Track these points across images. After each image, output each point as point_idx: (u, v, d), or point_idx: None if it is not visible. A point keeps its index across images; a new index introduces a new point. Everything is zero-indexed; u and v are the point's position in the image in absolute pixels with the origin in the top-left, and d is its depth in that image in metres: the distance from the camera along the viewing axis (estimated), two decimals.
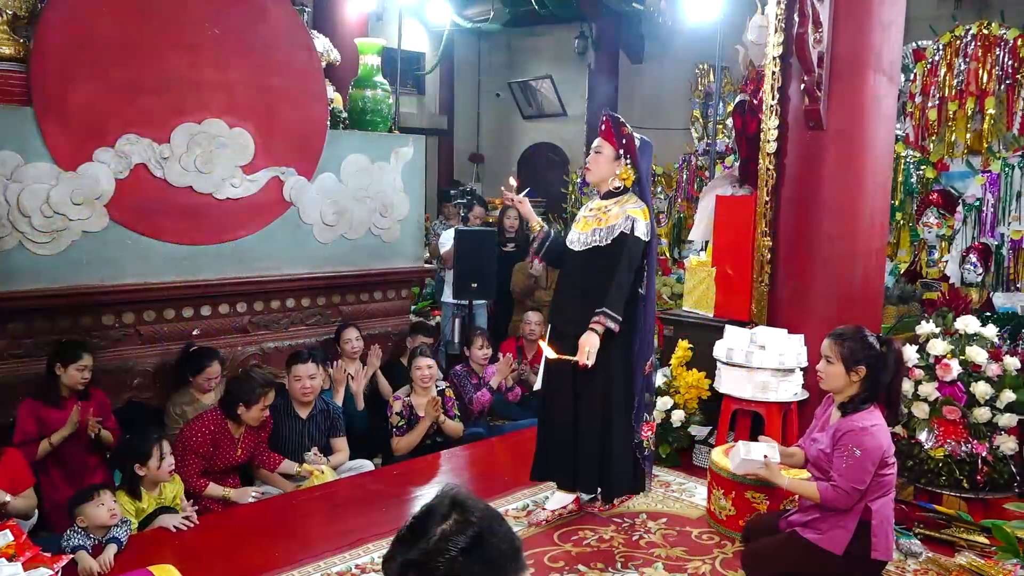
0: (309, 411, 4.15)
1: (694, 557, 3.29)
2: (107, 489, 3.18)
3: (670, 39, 10.11)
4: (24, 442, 3.57)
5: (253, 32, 4.46)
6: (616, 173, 3.45)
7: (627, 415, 3.49)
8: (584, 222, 3.52)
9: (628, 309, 3.40)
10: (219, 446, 3.74)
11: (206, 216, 4.33)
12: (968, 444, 3.53)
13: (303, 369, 4.10)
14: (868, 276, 4.11)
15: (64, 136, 3.87)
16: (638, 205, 3.41)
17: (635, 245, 3.35)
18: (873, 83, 3.96)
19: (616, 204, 3.44)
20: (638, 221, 3.35)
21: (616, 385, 3.46)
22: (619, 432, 3.47)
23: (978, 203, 5.05)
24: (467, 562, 1.18)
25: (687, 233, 7.17)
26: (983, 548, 3.26)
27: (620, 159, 3.44)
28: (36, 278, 3.84)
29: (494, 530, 1.25)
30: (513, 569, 1.23)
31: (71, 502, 3.14)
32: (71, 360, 3.67)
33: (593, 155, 3.50)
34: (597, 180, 3.52)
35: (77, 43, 3.89)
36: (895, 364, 2.68)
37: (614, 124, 3.46)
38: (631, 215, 3.36)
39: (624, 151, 3.44)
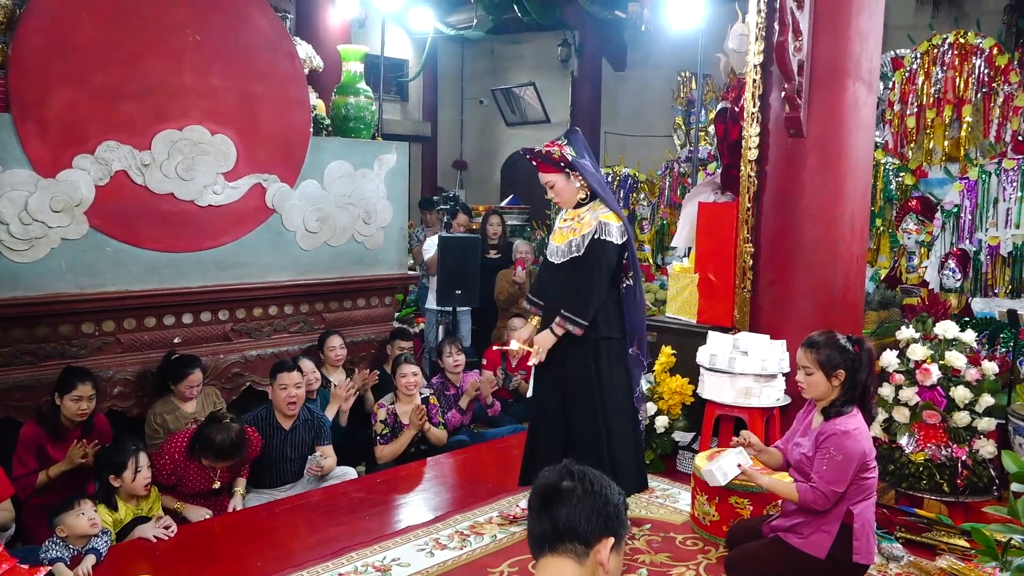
0: (292, 422, 4.05)
1: (678, 563, 3.30)
2: (87, 499, 3.13)
3: (652, 47, 10.19)
4: (23, 475, 3.47)
5: (235, 38, 4.44)
6: (577, 187, 3.46)
7: (632, 416, 3.53)
8: (560, 233, 3.53)
9: (615, 312, 3.44)
10: (185, 475, 3.60)
11: (187, 223, 4.30)
12: (948, 448, 3.57)
13: (288, 378, 3.99)
14: (849, 282, 4.15)
15: (43, 142, 3.83)
16: (607, 210, 3.42)
17: (607, 249, 3.36)
18: (852, 91, 4.01)
19: (589, 211, 3.45)
20: (609, 225, 3.37)
21: (613, 389, 3.45)
22: (621, 434, 3.46)
23: (956, 209, 5.11)
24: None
25: (670, 239, 7.20)
26: (963, 551, 3.28)
27: (571, 176, 3.44)
28: (14, 286, 3.79)
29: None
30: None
31: (51, 512, 3.09)
32: (67, 389, 3.55)
33: (550, 190, 3.51)
34: (568, 204, 3.53)
35: (56, 49, 3.86)
36: (868, 362, 2.72)
37: (543, 158, 3.44)
38: (603, 220, 3.37)
39: (567, 168, 3.43)
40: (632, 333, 3.53)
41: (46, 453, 3.55)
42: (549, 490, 1.60)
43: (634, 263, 3.51)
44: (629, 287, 3.50)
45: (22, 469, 3.50)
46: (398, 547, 3.39)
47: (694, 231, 4.76)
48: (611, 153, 9.96)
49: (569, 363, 3.44)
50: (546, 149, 3.44)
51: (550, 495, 1.59)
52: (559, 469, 1.62)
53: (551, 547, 1.57)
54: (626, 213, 8.23)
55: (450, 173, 13.02)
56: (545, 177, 3.48)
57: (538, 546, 1.60)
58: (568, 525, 1.56)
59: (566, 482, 1.59)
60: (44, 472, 3.50)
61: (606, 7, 9.18)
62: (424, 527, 3.60)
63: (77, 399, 3.56)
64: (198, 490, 3.66)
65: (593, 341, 3.41)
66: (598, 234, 3.36)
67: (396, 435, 4.44)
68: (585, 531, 1.56)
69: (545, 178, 3.48)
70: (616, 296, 3.48)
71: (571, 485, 1.58)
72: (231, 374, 4.56)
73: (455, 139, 13.26)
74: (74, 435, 3.58)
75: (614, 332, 3.46)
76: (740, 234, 4.27)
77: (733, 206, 4.38)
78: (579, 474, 1.60)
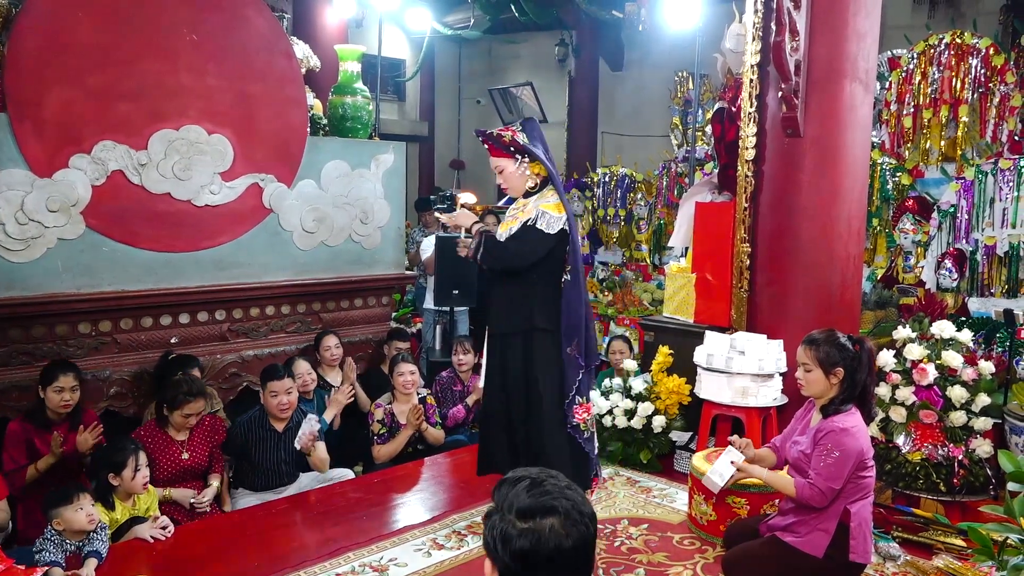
0: (286, 424, 4.04)
1: (675, 562, 3.30)
2: (86, 492, 3.08)
3: (650, 47, 10.20)
4: (12, 471, 3.46)
5: (232, 38, 4.43)
6: (526, 175, 3.43)
7: (559, 405, 3.42)
8: (507, 222, 3.52)
9: (552, 306, 3.41)
10: (155, 454, 3.62)
11: (184, 223, 4.30)
12: (945, 448, 3.58)
13: (279, 385, 3.98)
14: (846, 281, 4.16)
15: (39, 142, 3.82)
16: (552, 199, 3.39)
17: (537, 236, 3.32)
18: (849, 91, 4.01)
19: (535, 200, 3.43)
20: (546, 214, 3.33)
21: (542, 377, 3.40)
22: (550, 424, 3.40)
23: (953, 209, 5.12)
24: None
25: (667, 239, 7.21)
26: (960, 550, 3.29)
27: (520, 163, 3.41)
28: (10, 286, 3.78)
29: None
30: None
31: (46, 503, 3.03)
32: (48, 381, 3.54)
33: (499, 175, 3.47)
34: (516, 191, 3.49)
35: (52, 49, 3.85)
36: (868, 361, 2.72)
37: (494, 141, 3.41)
38: (541, 208, 3.35)
39: (518, 153, 3.39)
40: (569, 332, 3.42)
41: (34, 447, 3.54)
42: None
43: (575, 259, 3.44)
44: (568, 282, 3.43)
45: (12, 464, 3.50)
46: (395, 547, 3.39)
47: (691, 231, 4.76)
48: (608, 153, 9.97)
49: (507, 354, 3.46)
50: (498, 132, 3.41)
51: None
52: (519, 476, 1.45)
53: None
54: (623, 214, 8.26)
55: (447, 173, 13.02)
56: (495, 161, 3.45)
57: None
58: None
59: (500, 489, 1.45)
60: (33, 466, 3.48)
61: (603, 7, 9.19)
62: (421, 527, 3.60)
63: (59, 390, 3.54)
64: (172, 470, 3.69)
65: (525, 333, 3.40)
66: (532, 221, 3.34)
67: (393, 435, 4.44)
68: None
69: (495, 162, 3.46)
70: (554, 290, 3.42)
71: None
72: (228, 374, 4.55)
73: (452, 139, 13.26)
74: (61, 428, 3.56)
75: (548, 325, 3.41)
76: (737, 234, 4.27)
77: (730, 206, 4.39)
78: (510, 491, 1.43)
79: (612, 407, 4.40)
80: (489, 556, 1.39)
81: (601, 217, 8.46)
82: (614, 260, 8.27)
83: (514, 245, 3.38)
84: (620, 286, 7.46)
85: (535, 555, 1.33)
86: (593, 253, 8.50)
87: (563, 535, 1.34)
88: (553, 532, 1.34)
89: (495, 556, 1.38)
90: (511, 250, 3.38)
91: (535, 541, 1.33)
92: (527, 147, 3.37)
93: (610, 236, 8.42)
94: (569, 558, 1.34)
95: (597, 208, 8.50)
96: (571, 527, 1.35)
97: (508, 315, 3.48)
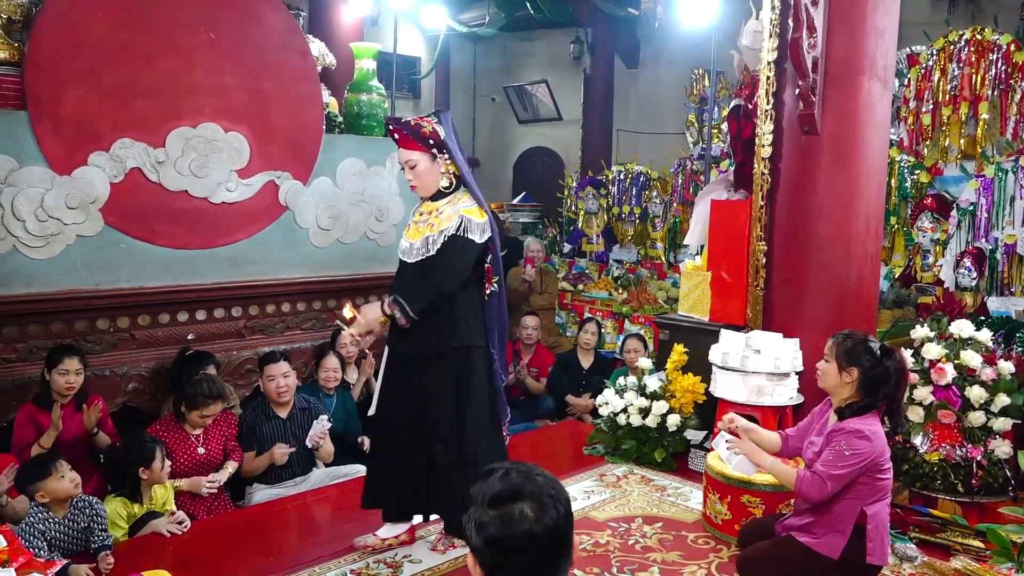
0: (289, 411, 4.11)
1: (690, 561, 3.29)
2: (62, 461, 3.09)
3: (665, 44, 10.15)
4: (22, 449, 3.55)
5: (248, 36, 4.45)
6: (440, 173, 3.10)
7: (496, 428, 3.20)
8: (415, 229, 3.14)
9: (478, 320, 3.12)
10: (173, 448, 3.70)
11: (201, 220, 4.33)
12: (963, 448, 3.54)
13: (276, 368, 4.05)
14: (863, 280, 4.12)
15: (59, 140, 3.86)
16: (471, 203, 3.08)
17: (466, 247, 3.02)
18: (867, 88, 3.98)
19: (448, 204, 3.10)
20: (471, 221, 3.03)
21: (477, 399, 3.10)
22: (485, 451, 3.08)
23: (972, 208, 5.07)
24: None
25: (682, 237, 7.18)
26: (978, 552, 3.26)
27: (437, 159, 3.09)
28: (30, 282, 3.83)
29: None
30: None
31: (22, 478, 3.06)
32: (53, 365, 3.64)
33: (409, 170, 3.09)
34: (427, 191, 3.14)
35: (72, 47, 3.88)
36: (897, 375, 2.66)
37: (410, 131, 3.05)
38: (464, 215, 3.03)
39: (436, 148, 3.07)
40: (498, 347, 3.19)
41: (42, 429, 3.61)
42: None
43: (498, 267, 3.17)
44: (494, 293, 3.17)
45: (21, 443, 3.57)
46: (409, 544, 3.40)
47: (707, 229, 4.74)
48: (623, 150, 9.94)
49: (430, 378, 3.09)
50: (416, 121, 3.06)
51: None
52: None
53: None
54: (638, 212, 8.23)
55: None
56: (407, 154, 3.06)
57: None
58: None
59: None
60: (37, 443, 3.55)
61: (619, 4, 9.16)
62: (435, 524, 3.60)
63: (64, 372, 3.62)
64: (188, 464, 3.75)
65: (455, 352, 3.06)
66: (457, 230, 3.02)
67: None
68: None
69: (406, 155, 3.07)
70: (479, 302, 3.15)
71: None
72: (244, 371, 4.58)
73: (467, 136, 13.25)
74: (65, 411, 3.64)
75: (477, 340, 3.11)
76: (753, 232, 4.25)
77: (746, 204, 4.36)
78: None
79: (627, 405, 4.40)
80: (471, 551, 1.41)
81: (616, 215, 8.44)
82: (629, 258, 8.25)
83: (436, 278, 3.02)
84: (635, 284, 7.44)
85: (507, 540, 1.34)
86: (608, 251, 8.48)
87: (533, 519, 1.35)
88: (523, 516, 1.35)
89: (474, 549, 1.39)
90: (432, 284, 3.01)
91: (506, 526, 1.34)
92: (446, 142, 3.06)
93: (625, 234, 8.40)
94: (542, 542, 1.35)
95: (612, 206, 8.48)
96: (541, 511, 1.36)
97: (435, 335, 3.06)
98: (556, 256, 8.59)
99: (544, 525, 1.35)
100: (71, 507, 3.09)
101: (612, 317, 7.09)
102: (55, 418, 3.56)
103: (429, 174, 3.09)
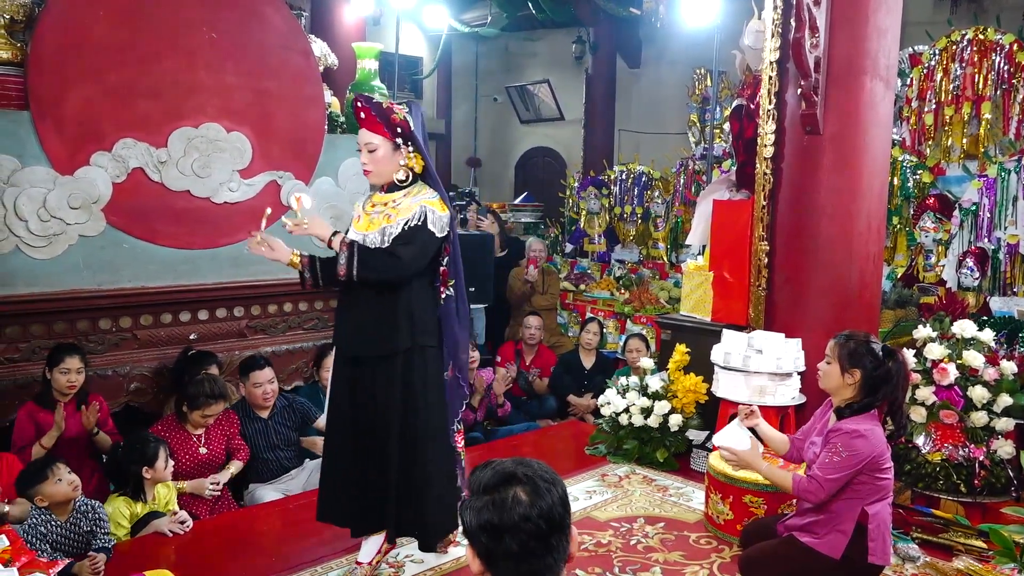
0: (270, 411, 4.15)
1: (692, 562, 3.29)
2: (59, 462, 3.10)
3: (667, 44, 10.15)
4: (21, 447, 3.56)
5: (250, 36, 4.46)
6: (401, 164, 2.91)
7: (445, 433, 3.05)
8: (368, 220, 2.94)
9: (431, 318, 2.97)
10: (175, 448, 3.70)
11: (203, 220, 4.33)
12: (965, 448, 3.54)
13: (262, 375, 4.08)
14: (865, 280, 4.12)
15: (61, 140, 3.87)
16: (433, 195, 2.91)
17: (424, 237, 2.85)
18: (870, 88, 3.97)
19: (406, 196, 2.91)
20: (435, 212, 2.86)
21: (425, 402, 2.93)
22: (435, 457, 2.96)
23: (975, 208, 5.06)
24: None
25: (684, 237, 7.18)
26: (980, 552, 3.26)
27: (400, 148, 2.90)
28: (33, 282, 3.83)
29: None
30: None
31: (20, 484, 3.06)
32: (55, 363, 3.65)
33: (367, 153, 2.88)
34: (380, 179, 2.95)
35: (74, 47, 3.89)
36: (898, 377, 2.66)
37: (377, 111, 2.85)
38: (425, 205, 2.86)
39: (401, 138, 2.88)
40: (451, 351, 3.04)
41: (42, 428, 3.62)
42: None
43: (456, 271, 3.02)
44: (450, 297, 3.02)
45: (21, 443, 3.58)
46: (412, 543, 3.39)
47: (709, 229, 4.74)
48: (625, 150, 9.94)
49: (379, 381, 2.89)
50: (388, 105, 2.88)
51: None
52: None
53: None
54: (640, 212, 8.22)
55: (464, 170, 13.03)
56: (369, 136, 2.86)
57: None
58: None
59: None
60: (38, 443, 3.55)
61: (621, 4, 9.15)
62: None
63: (65, 371, 3.63)
64: (190, 464, 3.76)
65: (407, 353, 2.89)
66: (418, 220, 2.84)
67: None
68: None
69: (368, 137, 2.86)
70: (433, 304, 2.99)
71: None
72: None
73: (469, 136, 13.26)
74: (68, 407, 3.65)
75: (429, 340, 2.95)
76: (755, 232, 4.24)
77: (748, 204, 4.36)
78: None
79: (629, 405, 4.40)
80: (469, 542, 1.42)
81: (618, 215, 8.43)
82: (631, 258, 8.25)
83: (404, 251, 2.82)
84: (637, 284, 7.43)
85: (501, 525, 1.36)
86: (610, 251, 8.48)
87: (528, 503, 1.36)
88: (517, 500, 1.36)
89: (470, 536, 1.40)
90: (403, 257, 2.81)
91: (499, 510, 1.36)
92: (413, 134, 2.89)
93: (627, 234, 8.40)
94: (537, 526, 1.36)
95: (614, 206, 8.48)
96: (536, 495, 1.37)
97: (383, 334, 2.87)
98: (558, 256, 8.59)
99: (539, 509, 1.36)
100: (73, 510, 3.09)
101: (614, 317, 7.08)
102: (58, 418, 3.56)
103: (387, 162, 2.89)
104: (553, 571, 1.39)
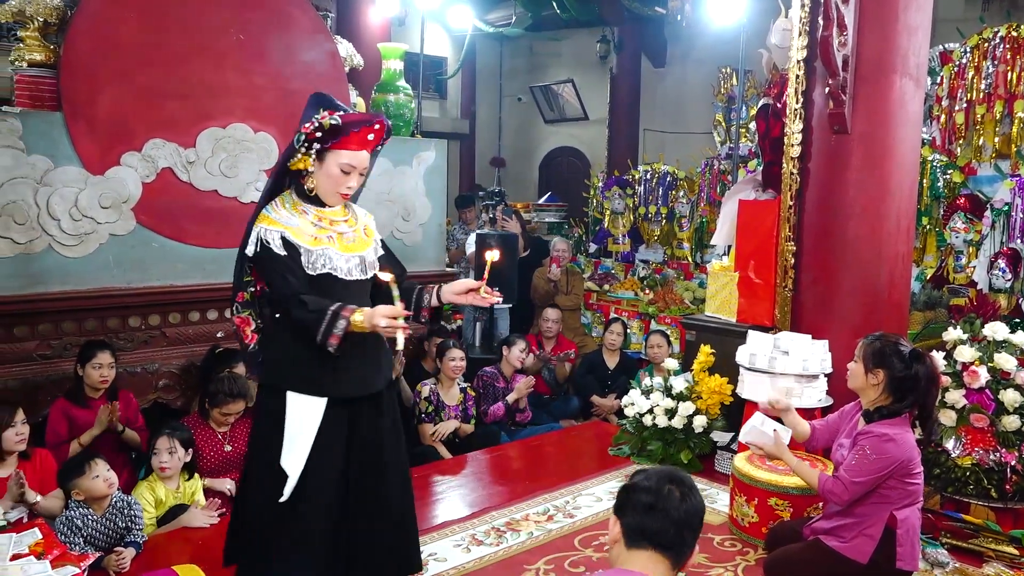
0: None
1: (716, 564, 3.27)
2: (98, 458, 3.14)
3: (692, 42, 10.09)
4: (56, 444, 3.62)
5: (277, 37, 4.50)
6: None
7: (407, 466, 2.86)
8: (344, 241, 2.61)
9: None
10: (200, 444, 3.73)
11: (231, 219, 4.36)
12: (996, 453, 3.48)
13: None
14: (894, 281, 4.07)
15: (92, 140, 3.93)
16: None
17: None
18: (899, 86, 3.92)
19: (347, 208, 2.71)
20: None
21: (400, 437, 2.77)
22: (406, 492, 2.77)
23: (1007, 208, 4.97)
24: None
25: (709, 237, 7.13)
26: (1012, 559, 3.21)
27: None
28: (64, 280, 3.90)
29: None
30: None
31: (61, 476, 3.14)
32: (87, 359, 3.71)
33: (357, 177, 2.65)
34: (346, 197, 2.70)
35: (105, 49, 3.96)
36: (927, 381, 2.62)
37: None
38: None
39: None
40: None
41: (75, 423, 3.68)
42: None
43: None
44: None
45: (55, 438, 3.64)
46: (434, 542, 3.41)
47: (734, 229, 4.70)
48: (650, 150, 9.89)
49: (381, 409, 2.68)
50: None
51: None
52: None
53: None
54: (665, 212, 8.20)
55: (488, 170, 13.04)
56: (367, 162, 2.66)
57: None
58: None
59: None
60: (76, 440, 3.62)
61: (646, 3, 9.11)
62: (460, 523, 3.62)
63: (98, 366, 3.70)
64: (215, 461, 3.79)
65: (390, 385, 2.78)
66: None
67: (439, 414, 4.61)
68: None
69: (367, 162, 2.66)
70: None
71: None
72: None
73: (493, 136, 13.28)
74: (99, 403, 3.72)
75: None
76: (782, 232, 4.21)
77: (774, 204, 4.32)
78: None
79: (652, 406, 4.38)
80: (616, 516, 1.80)
81: (642, 215, 8.39)
82: (655, 258, 8.21)
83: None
84: (661, 284, 7.40)
85: (655, 509, 1.73)
86: (634, 251, 8.44)
87: (679, 498, 1.74)
88: (671, 494, 1.75)
89: (622, 513, 1.78)
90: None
91: (656, 497, 1.75)
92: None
93: (651, 234, 8.36)
94: (680, 517, 1.73)
95: (638, 206, 8.44)
96: (691, 493, 1.77)
97: (388, 360, 2.73)
98: (582, 256, 8.57)
99: (689, 504, 1.75)
100: (110, 506, 3.14)
101: (638, 317, 7.06)
102: (102, 416, 3.63)
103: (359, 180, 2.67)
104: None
